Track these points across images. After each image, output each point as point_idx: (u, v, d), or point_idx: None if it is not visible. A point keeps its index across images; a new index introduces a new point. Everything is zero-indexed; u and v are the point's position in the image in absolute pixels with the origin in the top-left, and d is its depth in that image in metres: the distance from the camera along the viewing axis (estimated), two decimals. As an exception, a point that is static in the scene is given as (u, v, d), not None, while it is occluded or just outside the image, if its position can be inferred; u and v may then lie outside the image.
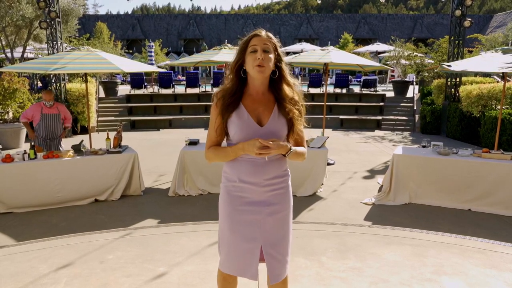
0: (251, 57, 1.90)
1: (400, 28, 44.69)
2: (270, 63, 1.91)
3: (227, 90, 1.99)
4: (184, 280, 3.25)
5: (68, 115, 6.27)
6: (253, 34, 1.93)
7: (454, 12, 11.22)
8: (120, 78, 18.53)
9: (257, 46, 1.89)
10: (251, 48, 1.90)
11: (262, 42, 1.89)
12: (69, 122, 6.32)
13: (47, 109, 5.95)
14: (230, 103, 1.95)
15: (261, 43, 1.89)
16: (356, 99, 15.14)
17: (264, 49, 1.89)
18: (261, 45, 1.89)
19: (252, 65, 1.90)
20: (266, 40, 1.90)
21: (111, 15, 48.30)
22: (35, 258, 3.64)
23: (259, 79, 1.96)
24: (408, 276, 3.33)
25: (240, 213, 2.03)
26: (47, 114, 5.95)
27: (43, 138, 5.99)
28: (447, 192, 5.41)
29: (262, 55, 1.87)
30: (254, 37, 1.91)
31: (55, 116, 6.02)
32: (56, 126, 6.07)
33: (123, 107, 13.86)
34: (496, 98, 9.47)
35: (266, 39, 1.91)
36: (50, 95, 5.98)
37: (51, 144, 6.07)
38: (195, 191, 5.96)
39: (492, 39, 17.97)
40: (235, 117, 1.96)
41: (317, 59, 7.88)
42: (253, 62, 1.88)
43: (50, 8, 10.90)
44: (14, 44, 16.74)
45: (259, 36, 1.91)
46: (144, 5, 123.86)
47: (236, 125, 1.95)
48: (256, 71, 1.89)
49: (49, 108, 5.97)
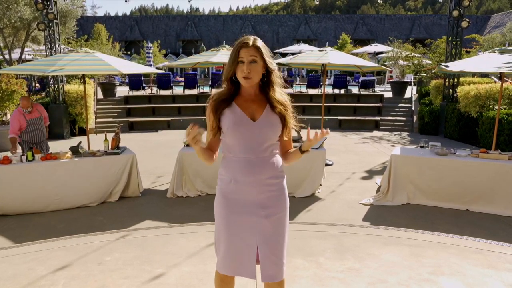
0: (239, 68, 1.98)
1: (398, 29, 44.76)
2: (257, 73, 1.99)
3: (221, 93, 2.08)
4: (182, 281, 3.25)
5: (45, 113, 6.21)
6: (241, 45, 1.98)
7: (451, 12, 11.25)
8: (119, 80, 18.53)
9: (244, 58, 1.97)
10: (239, 59, 1.98)
11: (248, 54, 1.96)
12: (47, 121, 6.28)
13: (29, 114, 5.86)
14: (223, 100, 2.04)
15: (247, 55, 1.96)
16: (354, 99, 15.16)
17: (251, 61, 1.97)
18: (247, 57, 1.96)
19: (240, 76, 1.99)
20: (252, 51, 1.97)
21: (109, 17, 48.27)
22: (33, 260, 3.63)
23: (249, 87, 2.05)
24: (406, 276, 3.34)
25: (236, 215, 2.05)
26: (32, 119, 5.87)
27: (31, 143, 5.91)
28: (445, 193, 5.43)
29: (248, 68, 1.96)
30: (241, 49, 1.97)
31: (39, 119, 5.98)
32: (42, 129, 6.04)
33: (121, 109, 13.84)
34: (494, 98, 9.49)
35: (253, 49, 1.97)
36: (28, 101, 5.88)
37: (41, 147, 6.02)
38: (194, 192, 5.96)
39: (490, 40, 18.00)
40: (228, 112, 2.03)
41: (316, 60, 7.89)
42: (241, 73, 1.98)
43: (48, 9, 10.90)
44: (12, 46, 16.74)
45: (246, 48, 1.97)
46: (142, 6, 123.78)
47: (229, 119, 2.01)
48: (243, 81, 2.00)
49: (30, 113, 5.88)
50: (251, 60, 1.96)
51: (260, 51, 1.98)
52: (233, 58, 2.00)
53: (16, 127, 5.74)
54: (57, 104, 11.21)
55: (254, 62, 1.97)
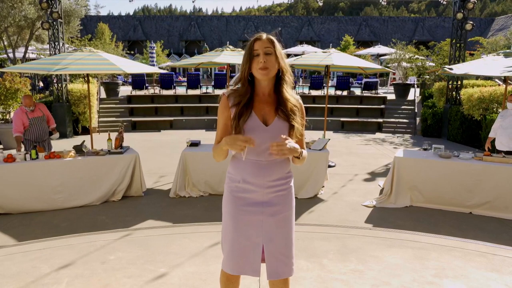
0: (255, 61, 1.96)
1: (402, 31, 44.70)
2: (273, 65, 1.96)
3: (238, 91, 2.04)
4: (185, 281, 3.25)
5: (48, 113, 6.21)
6: (254, 38, 1.99)
7: (455, 15, 11.23)
8: (122, 79, 18.56)
9: (259, 50, 1.95)
10: (254, 52, 1.97)
11: (263, 45, 1.96)
12: (53, 122, 6.28)
13: (32, 113, 5.88)
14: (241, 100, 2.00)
15: (262, 46, 1.95)
16: (357, 101, 15.14)
17: (266, 52, 1.95)
18: (262, 48, 1.95)
19: (256, 69, 1.96)
20: (267, 43, 1.96)
21: (113, 16, 48.33)
22: (37, 258, 3.64)
23: (264, 81, 2.01)
24: (409, 279, 3.33)
25: (243, 213, 2.06)
26: (34, 117, 5.89)
27: (34, 141, 5.93)
28: (448, 195, 5.41)
29: (264, 58, 1.94)
30: (256, 42, 1.97)
31: (41, 118, 6.00)
32: (44, 128, 6.06)
33: (124, 108, 13.87)
34: (498, 101, 9.46)
35: (267, 41, 1.97)
36: (30, 100, 5.90)
37: (43, 146, 6.02)
38: (196, 192, 5.96)
39: (494, 42, 17.94)
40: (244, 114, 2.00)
41: (319, 61, 7.88)
42: (257, 65, 1.95)
43: (52, 8, 10.93)
44: (16, 45, 16.81)
45: (260, 40, 1.97)
46: (145, 6, 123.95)
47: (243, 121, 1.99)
48: (260, 74, 1.96)
49: (34, 111, 5.91)
50: (266, 52, 1.95)
51: (274, 43, 1.97)
52: (248, 53, 1.98)
53: (20, 126, 5.76)
54: (60, 103, 11.23)
55: (269, 54, 1.95)
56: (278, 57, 1.97)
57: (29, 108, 5.86)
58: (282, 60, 1.99)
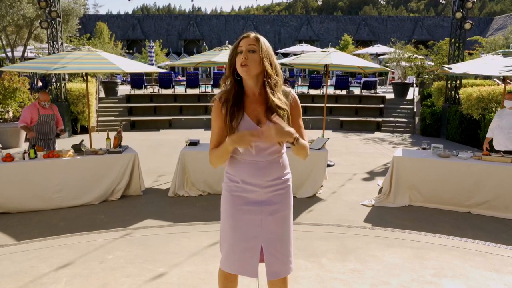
0: (238, 58, 1.96)
1: (401, 30, 44.73)
2: (255, 62, 1.93)
3: (226, 92, 2.02)
4: (184, 280, 3.24)
5: (58, 114, 6.26)
6: (241, 37, 1.99)
7: (454, 14, 11.24)
8: (120, 78, 18.53)
9: (242, 47, 1.95)
10: (238, 49, 1.97)
11: (247, 43, 1.95)
12: (61, 124, 6.32)
13: (43, 110, 5.93)
14: (231, 102, 1.99)
15: (246, 44, 1.95)
16: (356, 100, 15.15)
17: (249, 49, 1.94)
18: (246, 45, 1.95)
19: (238, 65, 1.95)
20: (252, 41, 1.95)
21: (112, 15, 48.28)
22: (35, 257, 3.63)
23: (248, 79, 1.99)
24: (408, 278, 3.33)
25: (242, 212, 2.06)
26: (44, 114, 5.94)
27: (39, 138, 5.97)
28: (447, 195, 5.41)
29: (246, 55, 1.93)
30: (242, 40, 1.97)
31: (50, 116, 6.03)
32: (51, 127, 6.08)
33: (123, 107, 13.85)
34: (497, 100, 9.47)
35: (253, 39, 1.96)
36: (47, 96, 5.97)
37: (49, 144, 6.06)
38: (195, 191, 5.95)
39: (493, 42, 17.97)
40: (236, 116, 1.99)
41: (318, 61, 7.88)
42: (238, 61, 1.95)
43: (51, 7, 10.91)
44: (14, 44, 16.76)
45: (246, 38, 1.96)
46: (144, 6, 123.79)
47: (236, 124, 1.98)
48: (240, 70, 1.95)
49: (45, 108, 5.96)
50: (249, 49, 1.94)
51: (259, 42, 1.95)
52: (233, 50, 1.98)
53: (27, 118, 5.85)
54: (59, 102, 11.21)
55: (253, 52, 1.93)
56: (263, 57, 1.94)
57: (46, 103, 5.92)
58: (266, 60, 1.95)
